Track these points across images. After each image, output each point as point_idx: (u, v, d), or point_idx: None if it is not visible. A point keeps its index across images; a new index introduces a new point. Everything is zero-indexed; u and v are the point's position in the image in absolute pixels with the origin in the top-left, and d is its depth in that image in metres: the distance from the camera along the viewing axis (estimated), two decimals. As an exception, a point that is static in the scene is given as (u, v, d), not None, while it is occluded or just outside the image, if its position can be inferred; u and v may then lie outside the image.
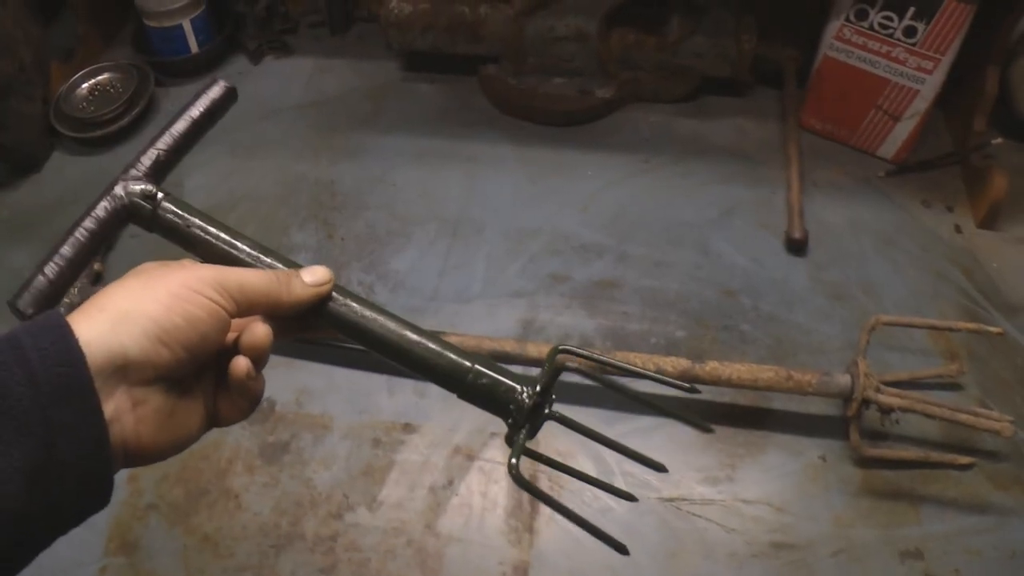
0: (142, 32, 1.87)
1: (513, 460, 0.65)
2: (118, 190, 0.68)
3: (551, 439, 1.20)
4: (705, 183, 1.61)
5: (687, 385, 0.71)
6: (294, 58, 1.93)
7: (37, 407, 0.49)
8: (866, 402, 1.15)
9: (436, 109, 1.78)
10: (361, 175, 1.63)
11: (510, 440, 0.67)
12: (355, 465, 1.21)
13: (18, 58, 1.58)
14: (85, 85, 1.76)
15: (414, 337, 0.68)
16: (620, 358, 1.18)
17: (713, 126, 1.73)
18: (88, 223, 0.67)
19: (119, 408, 0.54)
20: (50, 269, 0.66)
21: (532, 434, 0.68)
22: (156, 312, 0.55)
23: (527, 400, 0.66)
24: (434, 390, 1.27)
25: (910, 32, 1.48)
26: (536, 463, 1.15)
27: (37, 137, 1.65)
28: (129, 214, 0.68)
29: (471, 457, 1.22)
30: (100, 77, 1.78)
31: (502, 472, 1.19)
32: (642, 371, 0.73)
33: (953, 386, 1.30)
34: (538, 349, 1.20)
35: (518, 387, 0.67)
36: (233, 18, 1.92)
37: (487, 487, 1.19)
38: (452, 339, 1.24)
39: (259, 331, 0.62)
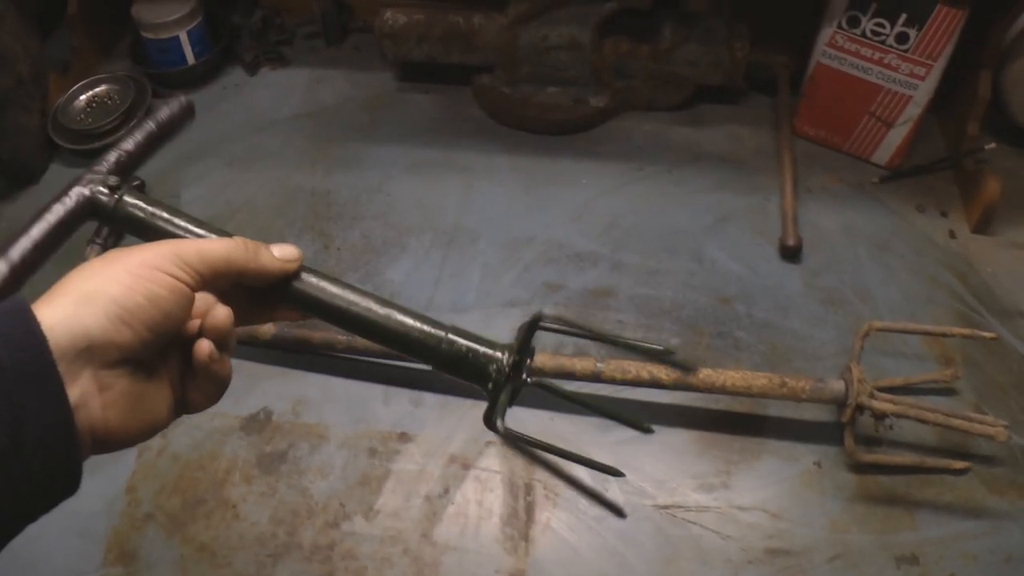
0: (139, 44, 1.88)
1: (499, 420, 0.66)
2: (79, 184, 0.68)
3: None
4: (699, 191, 1.61)
5: (659, 348, 0.71)
6: (290, 69, 1.93)
7: (1, 392, 0.49)
8: (860, 408, 1.15)
9: (431, 119, 1.79)
10: (357, 185, 1.63)
11: (489, 420, 0.67)
12: (351, 474, 1.22)
13: (16, 71, 1.59)
14: (83, 97, 1.77)
15: (382, 310, 0.68)
16: (614, 365, 1.19)
17: (707, 134, 1.73)
18: (47, 215, 0.68)
19: (85, 392, 0.55)
20: (5, 261, 0.65)
21: (513, 398, 0.68)
22: (117, 292, 0.55)
23: (506, 363, 0.66)
24: (430, 400, 1.29)
25: (902, 38, 1.48)
26: (531, 475, 1.16)
27: (35, 149, 1.66)
28: (90, 208, 0.68)
29: (467, 466, 1.22)
30: (97, 89, 1.79)
31: (498, 480, 1.20)
32: (615, 338, 0.74)
33: (948, 391, 1.30)
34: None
35: (494, 351, 0.67)
36: (229, 30, 1.93)
37: (483, 496, 1.19)
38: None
39: (220, 312, 0.62)
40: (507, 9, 1.68)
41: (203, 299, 0.63)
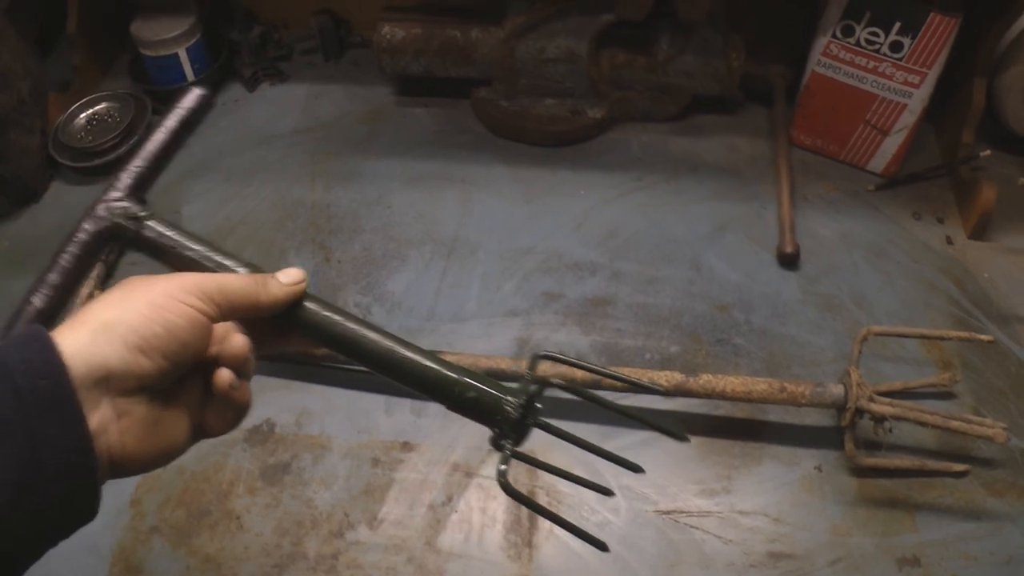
0: (138, 61, 1.89)
1: (502, 467, 0.68)
2: (100, 210, 0.70)
3: (547, 452, 1.21)
4: (697, 200, 1.62)
5: (658, 387, 0.74)
6: (289, 84, 1.94)
7: (20, 419, 0.50)
8: (859, 412, 1.16)
9: (430, 132, 1.80)
10: (357, 199, 1.64)
11: (497, 444, 0.69)
12: (355, 484, 1.22)
13: (17, 91, 1.60)
14: (83, 115, 1.78)
15: (397, 348, 0.70)
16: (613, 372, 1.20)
17: (704, 144, 1.75)
18: (72, 247, 0.69)
19: (103, 419, 0.55)
20: (38, 298, 0.67)
21: (518, 442, 0.70)
22: (135, 322, 0.56)
23: (513, 412, 0.68)
24: (432, 409, 1.30)
25: (896, 47, 1.50)
26: (534, 481, 1.17)
27: (36, 168, 1.67)
28: (112, 235, 0.70)
29: (469, 474, 1.23)
30: (98, 107, 1.80)
31: (500, 488, 1.20)
32: (613, 374, 0.76)
33: (947, 395, 1.31)
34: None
35: (505, 398, 0.69)
36: (228, 46, 1.94)
37: (486, 503, 1.20)
38: (449, 358, 1.25)
39: (237, 341, 0.64)
40: (504, 22, 1.69)
41: (222, 327, 0.64)
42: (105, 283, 1.47)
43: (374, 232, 1.58)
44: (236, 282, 0.64)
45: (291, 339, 0.72)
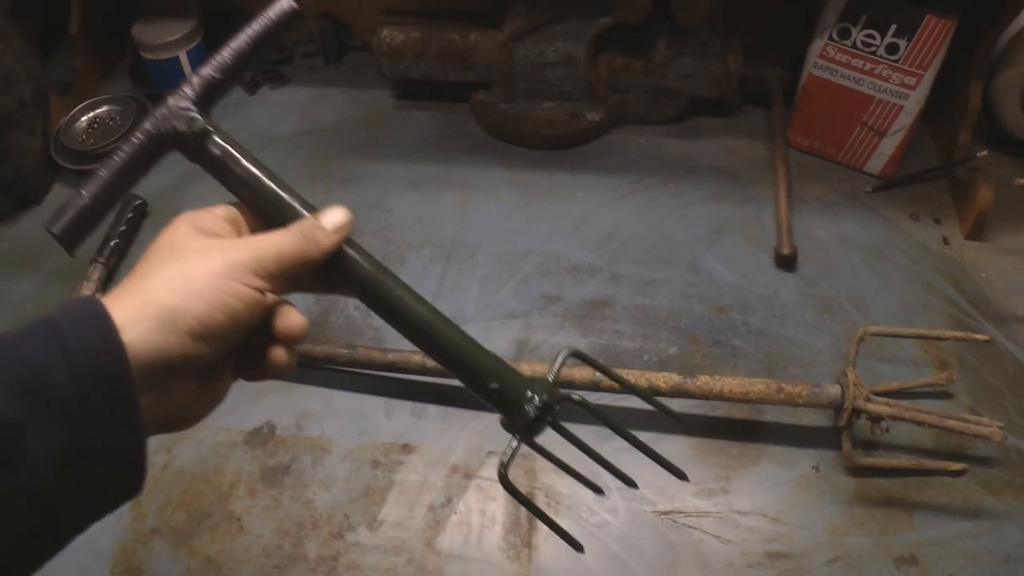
0: (139, 65, 1.90)
1: (504, 459, 0.70)
2: (163, 113, 0.68)
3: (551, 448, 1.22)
4: (695, 202, 1.63)
5: (677, 416, 0.75)
6: (289, 88, 1.95)
7: (76, 395, 0.51)
8: (856, 412, 1.17)
9: (429, 135, 1.81)
10: (356, 202, 1.65)
11: (508, 428, 0.71)
12: (355, 486, 1.23)
13: (19, 93, 1.61)
14: (84, 118, 1.78)
15: (442, 325, 0.70)
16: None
17: (702, 146, 1.75)
18: (127, 146, 0.67)
19: (157, 397, 0.57)
20: (86, 193, 0.65)
21: (530, 436, 0.71)
22: (199, 311, 0.57)
23: (532, 410, 0.70)
24: (431, 411, 1.30)
25: (892, 49, 1.50)
26: (532, 483, 1.17)
27: (37, 170, 1.67)
28: (174, 141, 0.68)
29: (469, 476, 1.23)
30: (99, 110, 1.80)
31: (499, 490, 1.20)
32: (639, 390, 0.77)
33: (944, 395, 1.32)
34: (532, 368, 1.21)
35: (527, 394, 0.70)
36: (228, 50, 1.94)
37: (485, 504, 1.20)
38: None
39: (295, 321, 0.65)
40: (503, 26, 1.70)
41: (272, 299, 0.65)
42: (106, 285, 1.48)
43: (373, 235, 1.58)
44: (290, 246, 0.63)
45: (324, 285, 0.72)
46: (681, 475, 0.74)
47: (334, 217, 0.67)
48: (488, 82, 1.79)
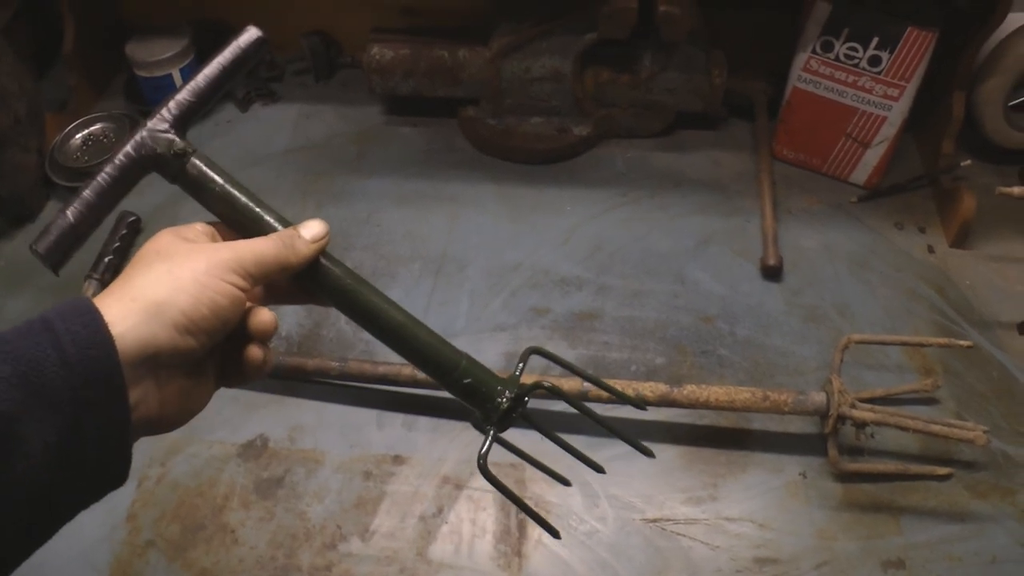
0: (133, 82, 1.91)
1: (483, 451, 0.72)
2: (144, 137, 0.70)
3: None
4: (681, 214, 1.65)
5: (635, 401, 0.78)
6: (280, 105, 1.97)
7: (68, 387, 0.53)
8: (842, 418, 1.18)
9: (418, 151, 1.82)
10: (347, 217, 1.66)
11: (480, 427, 0.75)
12: (347, 497, 1.24)
13: (13, 111, 1.62)
14: (79, 135, 1.80)
15: (413, 328, 0.73)
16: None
17: (688, 159, 1.77)
18: (111, 169, 0.69)
19: (147, 391, 0.60)
20: (71, 212, 0.67)
21: (500, 430, 0.75)
22: (185, 304, 0.60)
23: (504, 402, 0.73)
24: (422, 423, 1.32)
25: (875, 61, 1.52)
26: (522, 492, 1.18)
27: (32, 187, 1.69)
28: (153, 163, 0.70)
29: (459, 486, 1.25)
30: (93, 127, 1.81)
31: (490, 499, 1.22)
32: (595, 378, 0.81)
33: (929, 401, 1.33)
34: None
35: (498, 388, 0.74)
36: (220, 68, 1.96)
37: (476, 514, 1.21)
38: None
39: (266, 317, 0.68)
40: (490, 42, 1.72)
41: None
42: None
43: (364, 250, 1.60)
44: (270, 251, 0.66)
45: (303, 295, 0.75)
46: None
47: (312, 228, 0.71)
48: (476, 98, 1.80)
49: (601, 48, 1.69)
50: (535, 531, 1.18)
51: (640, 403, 0.82)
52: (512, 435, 0.77)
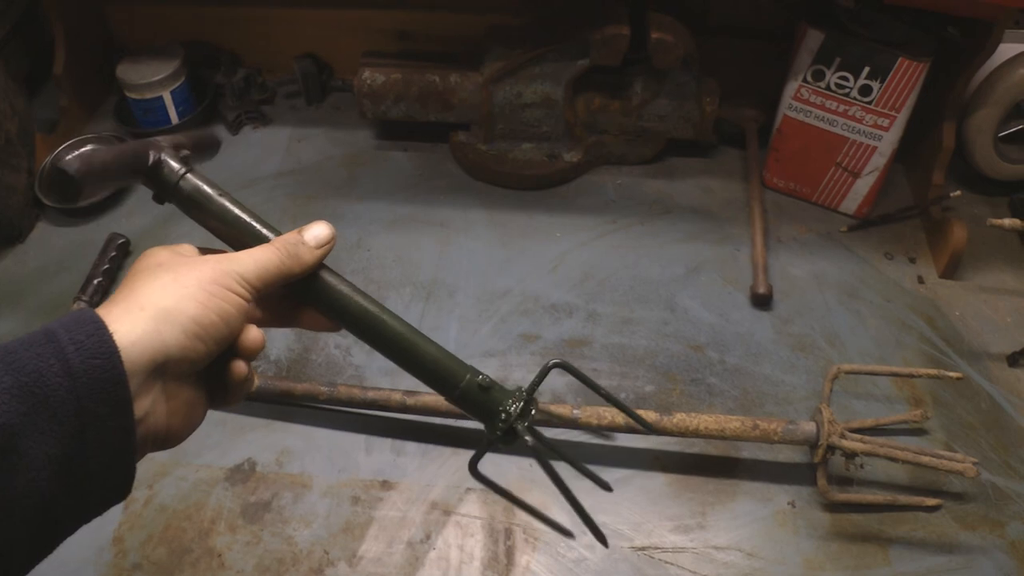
0: (123, 104, 1.92)
1: (477, 456, 0.73)
2: (150, 142, 0.70)
3: (523, 491, 1.23)
4: (672, 242, 1.65)
5: (648, 425, 0.78)
6: (271, 128, 1.97)
7: (73, 397, 0.52)
8: (831, 448, 1.18)
9: (409, 176, 1.83)
10: (337, 242, 1.64)
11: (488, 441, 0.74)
12: (335, 522, 1.23)
13: (4, 131, 1.62)
14: (69, 157, 1.79)
15: (416, 339, 0.73)
16: (589, 412, 1.22)
17: (678, 186, 1.78)
18: (114, 150, 0.69)
19: (155, 402, 0.59)
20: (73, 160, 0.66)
21: (507, 443, 0.74)
22: (194, 310, 0.59)
23: (509, 417, 0.72)
24: (411, 448, 1.31)
25: (866, 91, 1.53)
26: (511, 520, 1.18)
27: (22, 208, 1.68)
28: (151, 171, 0.69)
29: (447, 512, 1.24)
30: (83, 149, 1.81)
31: (478, 526, 1.22)
32: (615, 399, 0.82)
33: (919, 431, 1.33)
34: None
35: (505, 402, 0.73)
36: (212, 89, 1.97)
37: (464, 541, 1.21)
38: (427, 399, 1.27)
39: (255, 336, 0.66)
40: (482, 68, 1.72)
41: None
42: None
43: (354, 275, 1.59)
44: (273, 262, 0.65)
45: (302, 314, 0.74)
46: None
47: (317, 232, 0.69)
48: (468, 123, 1.81)
49: (593, 75, 1.70)
50: (523, 558, 1.18)
51: (651, 428, 0.82)
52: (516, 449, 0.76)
